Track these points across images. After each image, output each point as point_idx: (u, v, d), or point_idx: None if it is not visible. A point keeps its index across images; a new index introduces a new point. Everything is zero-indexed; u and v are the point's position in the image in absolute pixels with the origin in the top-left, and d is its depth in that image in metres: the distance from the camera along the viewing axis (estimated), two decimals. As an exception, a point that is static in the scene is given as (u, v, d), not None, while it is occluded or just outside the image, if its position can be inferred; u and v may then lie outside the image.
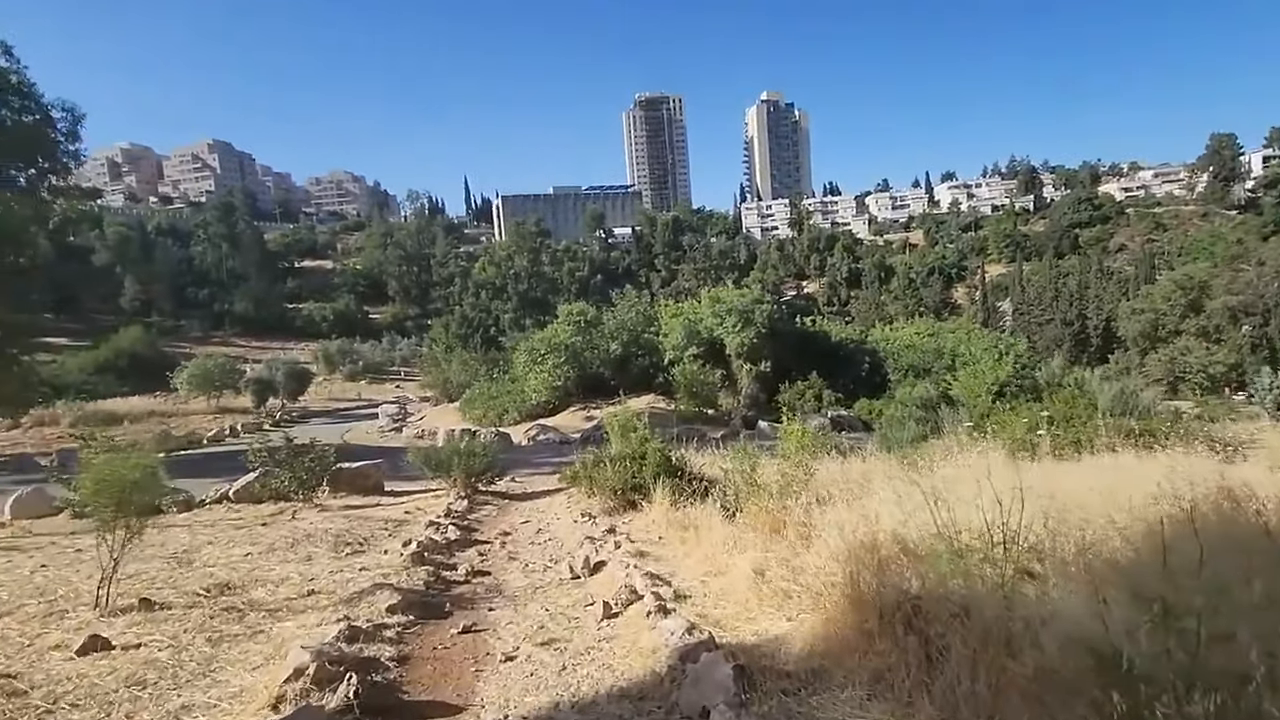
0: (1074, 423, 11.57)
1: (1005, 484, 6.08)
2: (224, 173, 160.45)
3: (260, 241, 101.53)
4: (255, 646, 3.81)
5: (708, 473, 9.63)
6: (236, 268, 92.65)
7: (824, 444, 8.07)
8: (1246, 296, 39.14)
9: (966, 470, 8.26)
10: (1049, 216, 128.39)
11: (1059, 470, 7.74)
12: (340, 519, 8.47)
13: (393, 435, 25.94)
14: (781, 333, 25.82)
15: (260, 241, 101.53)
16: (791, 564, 5.02)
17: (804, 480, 7.08)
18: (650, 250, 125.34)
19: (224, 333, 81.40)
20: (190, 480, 14.45)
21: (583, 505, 9.51)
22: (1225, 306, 39.35)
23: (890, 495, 6.86)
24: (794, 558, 5.31)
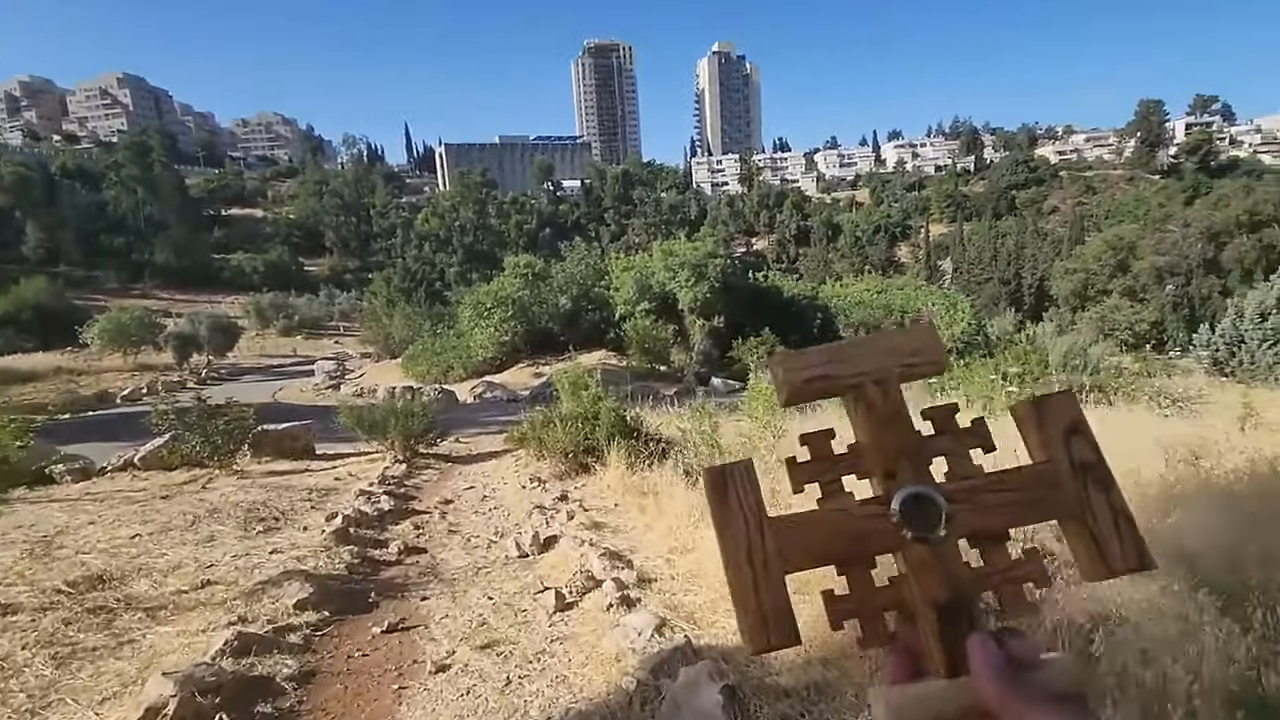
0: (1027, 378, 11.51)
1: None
2: (137, 111, 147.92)
3: (181, 186, 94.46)
4: (116, 664, 3.04)
5: (665, 433, 9.10)
6: (155, 214, 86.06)
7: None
8: (1171, 257, 40.82)
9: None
10: (988, 178, 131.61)
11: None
12: (258, 489, 7.57)
13: (330, 393, 24.52)
14: (735, 288, 25.35)
15: (181, 186, 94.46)
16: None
17: (772, 443, 6.58)
18: (600, 204, 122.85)
19: (144, 285, 75.90)
20: (97, 445, 13.19)
21: (532, 469, 8.85)
22: (1152, 267, 41.01)
23: None
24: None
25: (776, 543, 0.47)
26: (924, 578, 0.46)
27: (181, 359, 33.00)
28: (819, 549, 0.47)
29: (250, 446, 10.63)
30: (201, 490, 7.81)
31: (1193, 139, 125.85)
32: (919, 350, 0.53)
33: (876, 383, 0.51)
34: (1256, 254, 38.95)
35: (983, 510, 0.48)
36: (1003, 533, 0.49)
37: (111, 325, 33.62)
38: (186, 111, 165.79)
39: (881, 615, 0.47)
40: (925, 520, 0.46)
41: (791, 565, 0.47)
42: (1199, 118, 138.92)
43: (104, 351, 33.97)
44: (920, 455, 0.49)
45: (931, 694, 0.42)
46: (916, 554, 0.46)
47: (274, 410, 19.02)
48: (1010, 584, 0.48)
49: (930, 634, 0.44)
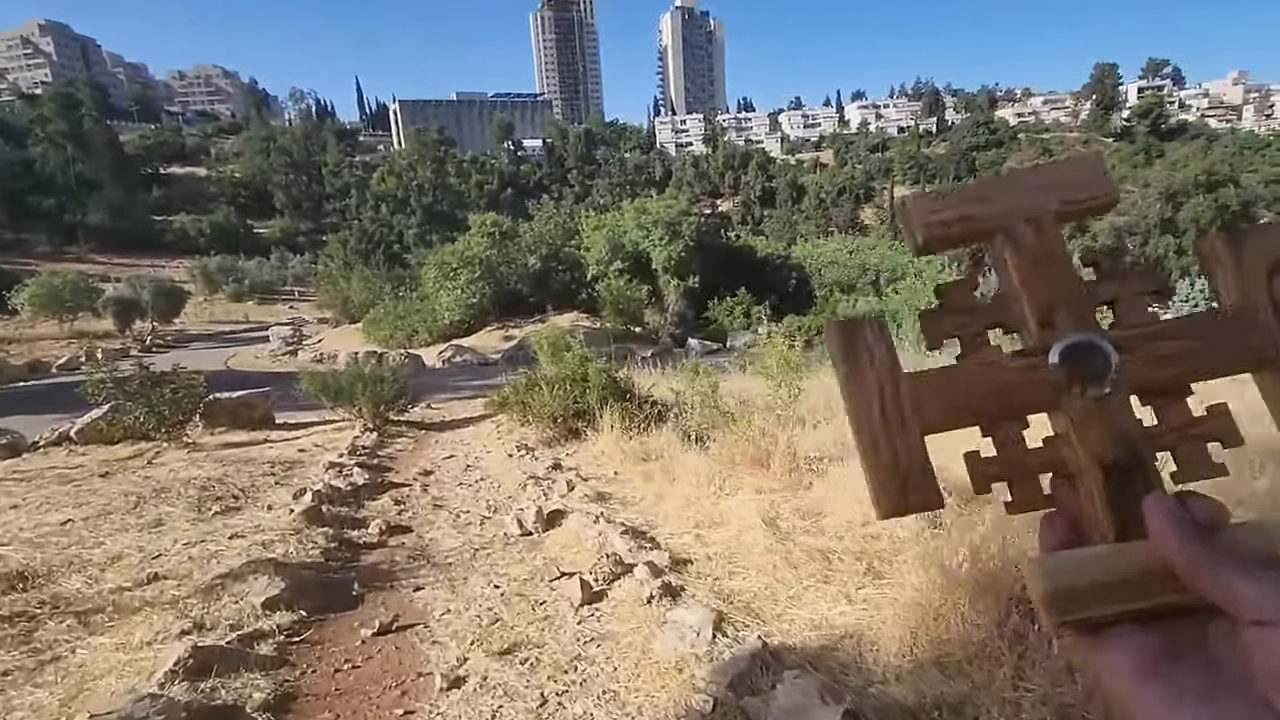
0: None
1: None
2: (62, 61, 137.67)
3: (114, 143, 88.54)
4: (32, 695, 2.38)
5: (657, 395, 8.56)
6: (87, 173, 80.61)
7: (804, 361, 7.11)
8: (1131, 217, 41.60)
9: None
10: (950, 139, 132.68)
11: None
12: (213, 463, 6.80)
13: (287, 360, 23.31)
14: (709, 247, 24.73)
15: (114, 143, 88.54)
16: (803, 509, 4.02)
17: (788, 403, 6.09)
18: (562, 164, 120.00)
19: (78, 248, 71.35)
20: (30, 417, 12.07)
21: (516, 435, 8.24)
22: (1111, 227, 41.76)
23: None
24: (797, 499, 4.33)
25: (914, 398, 0.42)
26: (1089, 435, 0.41)
27: (123, 325, 31.04)
28: (963, 404, 0.42)
29: (202, 417, 9.75)
30: (147, 466, 7.00)
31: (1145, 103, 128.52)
32: (1081, 184, 0.44)
33: (1028, 221, 0.44)
34: (1212, 214, 39.88)
35: (1158, 360, 0.42)
36: (1182, 385, 0.43)
37: (43, 290, 31.33)
38: (117, 63, 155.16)
39: (1035, 477, 0.43)
40: (1091, 372, 0.41)
41: (931, 422, 0.42)
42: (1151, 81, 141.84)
43: (36, 318, 31.74)
44: (1083, 302, 0.43)
45: (1098, 559, 0.37)
46: (1080, 409, 0.41)
47: (228, 378, 17.86)
48: (1190, 442, 0.42)
49: (1096, 496, 0.40)
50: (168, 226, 77.88)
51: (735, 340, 20.71)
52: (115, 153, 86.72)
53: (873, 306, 13.37)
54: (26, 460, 8.91)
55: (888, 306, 15.35)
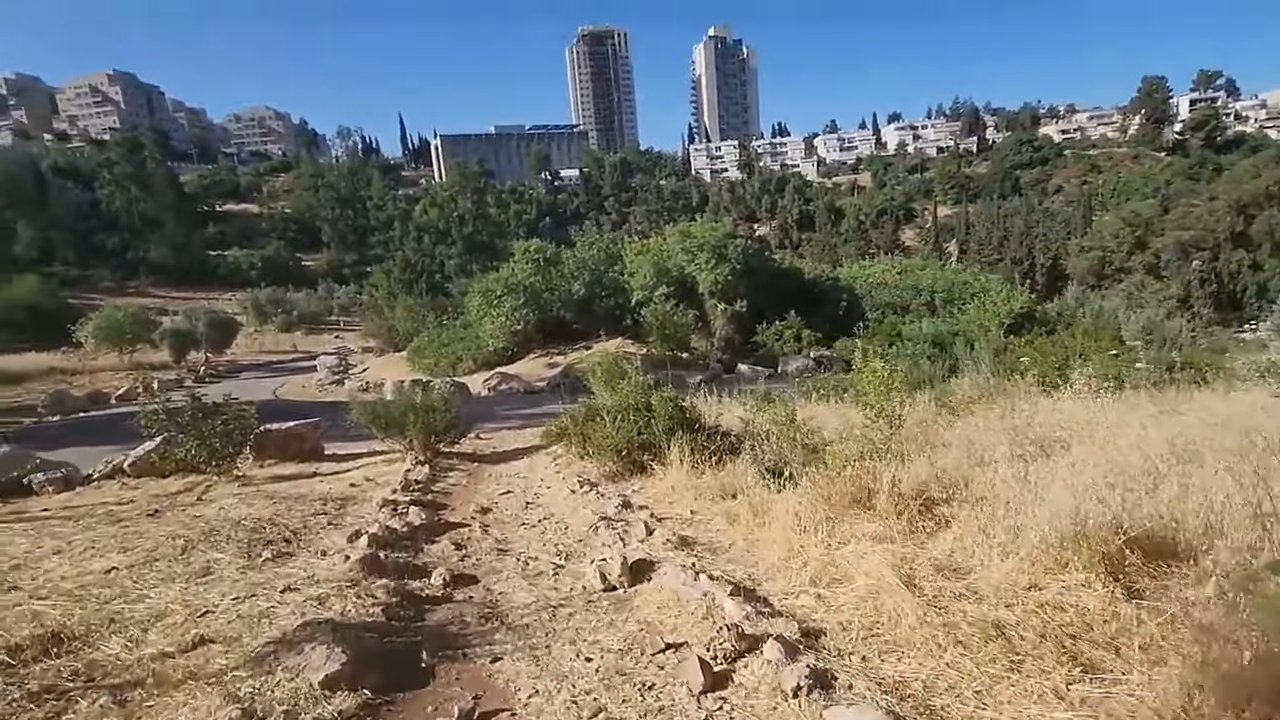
0: (1105, 356, 10.41)
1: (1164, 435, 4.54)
2: (129, 108, 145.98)
3: (174, 183, 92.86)
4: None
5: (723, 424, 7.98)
6: (149, 212, 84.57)
7: (909, 386, 6.49)
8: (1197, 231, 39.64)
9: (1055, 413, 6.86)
10: (992, 158, 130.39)
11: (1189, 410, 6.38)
12: (264, 500, 6.46)
13: (334, 389, 23.44)
14: (756, 270, 24.14)
15: (174, 183, 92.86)
16: (940, 563, 3.40)
17: (888, 435, 5.46)
18: (599, 192, 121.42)
19: (139, 282, 74.64)
20: (87, 449, 12.10)
21: (576, 469, 7.74)
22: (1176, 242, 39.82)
23: (1007, 450, 5.35)
24: (927, 550, 3.71)
25: None
26: None
27: (178, 356, 31.86)
28: None
29: (252, 449, 9.54)
30: (197, 503, 6.70)
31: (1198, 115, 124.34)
32: None
33: None
34: (1288, 226, 37.79)
35: None
36: None
37: (106, 323, 32.46)
38: (178, 108, 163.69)
39: None
40: None
41: None
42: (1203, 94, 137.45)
43: (99, 350, 32.84)
44: None
45: None
46: None
47: (276, 408, 17.91)
48: None
49: None
50: (222, 261, 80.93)
51: (787, 365, 20.01)
52: (175, 192, 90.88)
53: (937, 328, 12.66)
54: (80, 494, 8.78)
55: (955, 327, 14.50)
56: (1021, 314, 14.79)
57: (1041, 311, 15.89)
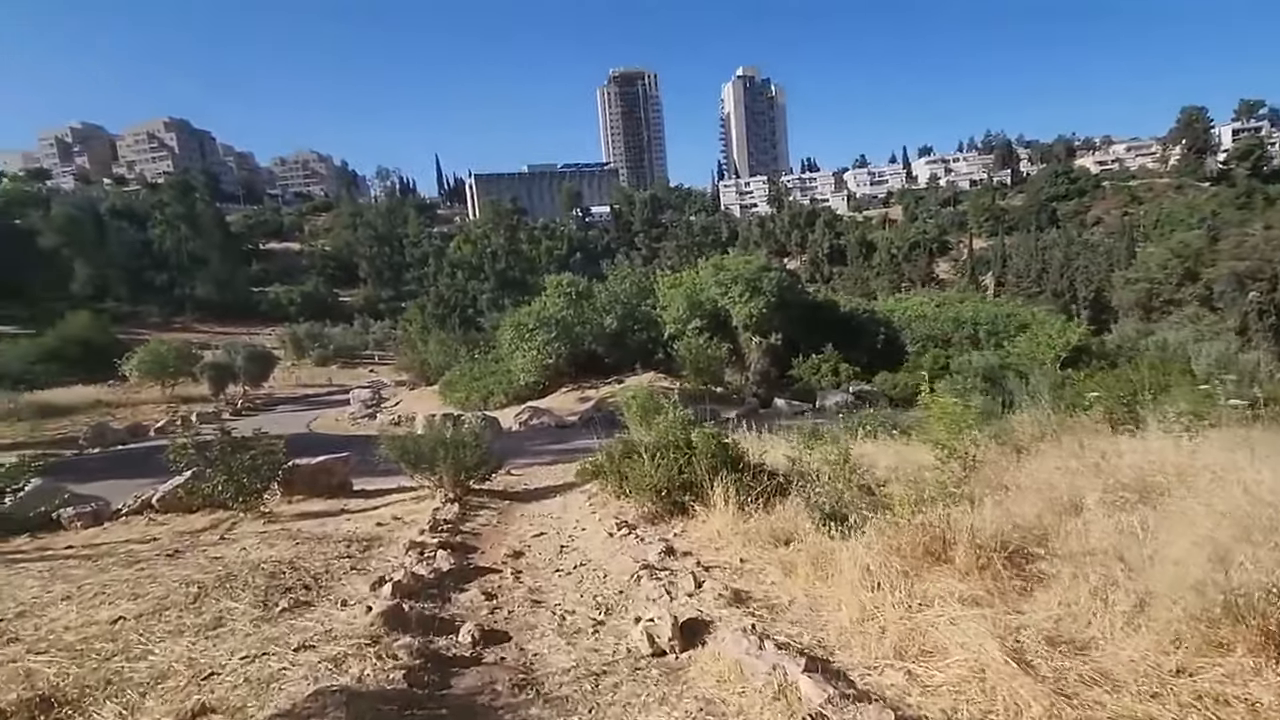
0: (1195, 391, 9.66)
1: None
2: (182, 153, 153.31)
3: (222, 223, 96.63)
4: None
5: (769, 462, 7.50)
6: (197, 250, 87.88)
7: (981, 423, 5.97)
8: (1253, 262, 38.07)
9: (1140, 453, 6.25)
10: (1027, 190, 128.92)
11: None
12: (287, 540, 6.15)
13: (366, 422, 23.44)
14: (791, 303, 23.70)
15: (222, 223, 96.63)
16: (1049, 634, 2.89)
17: (960, 479, 4.95)
18: (629, 228, 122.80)
19: (185, 318, 77.15)
20: (121, 482, 12.08)
21: (612, 509, 7.31)
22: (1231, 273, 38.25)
23: (1098, 495, 4.79)
24: (1026, 614, 3.20)
25: None
26: None
27: (217, 389, 32.41)
28: None
29: (280, 484, 9.33)
30: (220, 542, 6.43)
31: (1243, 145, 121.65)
32: None
33: None
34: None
35: None
36: None
37: (149, 357, 33.28)
38: (228, 152, 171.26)
39: None
40: None
41: None
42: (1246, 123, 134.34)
43: (142, 384, 33.63)
44: None
45: None
46: None
47: (308, 441, 17.86)
48: None
49: None
50: (264, 297, 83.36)
51: (826, 399, 19.39)
52: (222, 232, 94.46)
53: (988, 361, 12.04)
54: (106, 530, 8.63)
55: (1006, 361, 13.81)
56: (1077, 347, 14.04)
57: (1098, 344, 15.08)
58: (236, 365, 33.00)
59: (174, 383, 33.64)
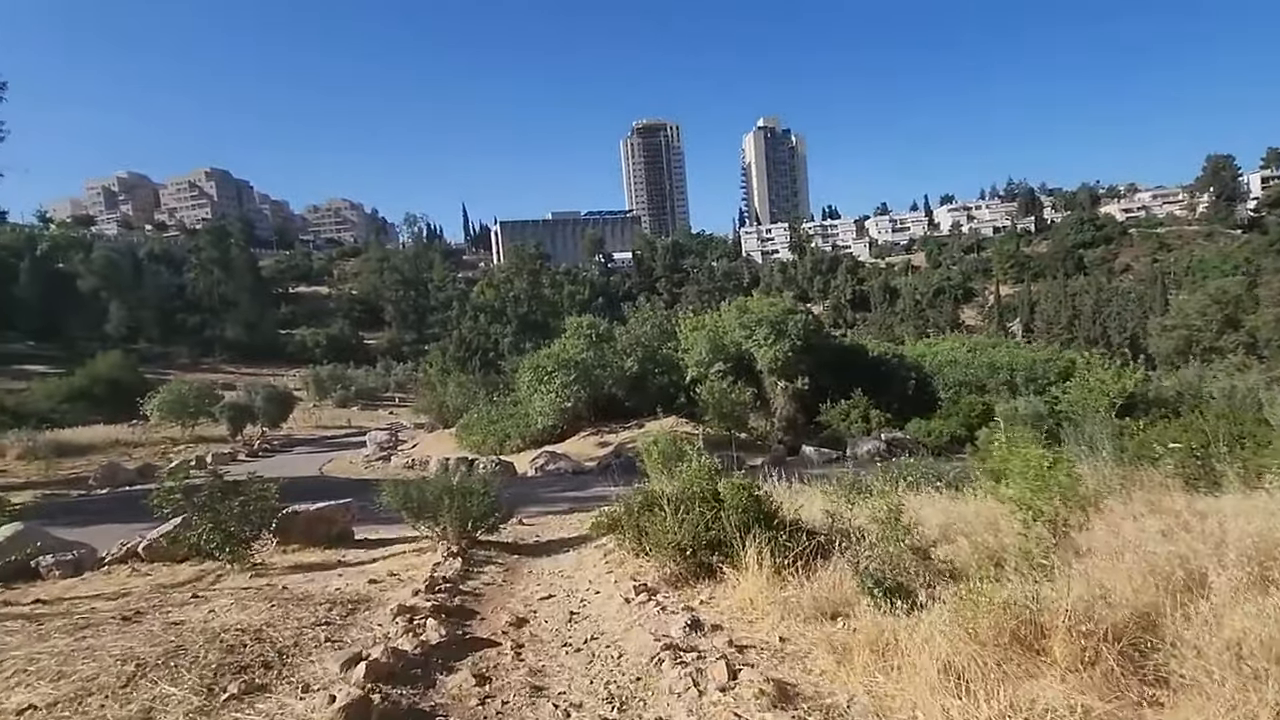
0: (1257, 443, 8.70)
1: None
2: (221, 201, 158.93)
3: (254, 267, 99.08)
4: None
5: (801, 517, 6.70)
6: (229, 294, 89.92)
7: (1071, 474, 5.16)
8: (1298, 309, 36.67)
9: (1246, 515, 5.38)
10: (1052, 237, 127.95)
11: None
12: (263, 601, 5.48)
13: (380, 465, 22.92)
14: (817, 346, 22.94)
15: (254, 267, 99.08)
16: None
17: (1050, 544, 4.15)
18: (651, 274, 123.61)
19: (214, 359, 78.43)
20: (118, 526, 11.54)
21: (630, 568, 6.54)
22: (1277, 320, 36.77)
23: (1227, 577, 3.96)
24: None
25: None
26: None
27: (235, 430, 32.26)
28: None
29: (275, 533, 8.69)
30: (192, 600, 5.77)
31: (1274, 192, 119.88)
32: None
33: None
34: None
35: None
36: None
37: (171, 397, 33.36)
38: (264, 200, 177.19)
39: None
40: None
41: None
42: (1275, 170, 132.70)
43: (163, 422, 33.62)
44: None
45: None
46: None
47: (317, 485, 17.30)
48: None
49: None
50: (290, 339, 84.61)
51: (857, 447, 18.43)
52: (254, 276, 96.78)
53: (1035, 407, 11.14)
54: (86, 581, 8.01)
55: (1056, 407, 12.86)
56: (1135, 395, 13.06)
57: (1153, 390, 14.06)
58: (255, 406, 32.90)
59: (194, 423, 33.59)
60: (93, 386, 47.16)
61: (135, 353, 64.63)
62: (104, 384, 47.75)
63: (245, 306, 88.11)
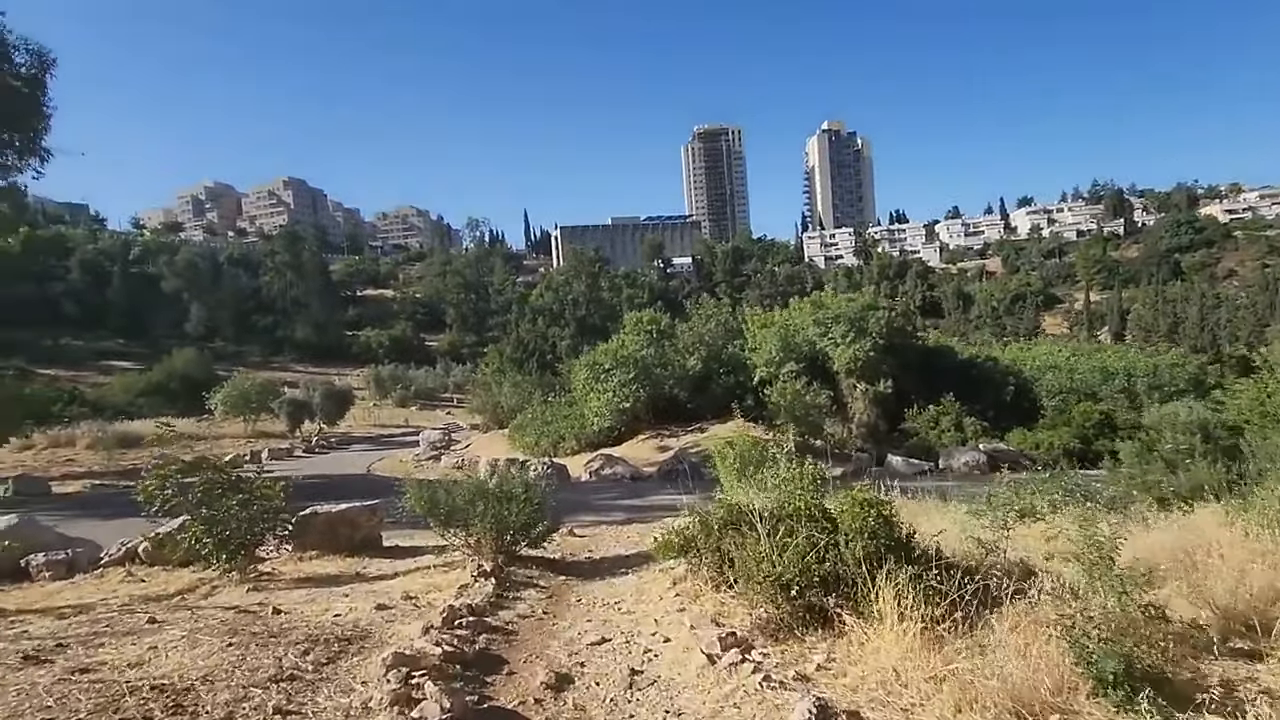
0: None
1: None
2: (297, 208, 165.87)
3: (324, 271, 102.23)
4: None
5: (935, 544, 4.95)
6: (300, 296, 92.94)
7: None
8: None
9: None
10: (1144, 241, 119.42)
11: None
12: (225, 635, 4.14)
13: (430, 465, 22.02)
14: (899, 347, 20.75)
15: (324, 271, 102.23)
16: None
17: None
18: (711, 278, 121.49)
19: (283, 358, 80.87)
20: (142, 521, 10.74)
21: (708, 605, 4.94)
22: None
23: None
24: None
25: None
26: None
27: (293, 426, 32.25)
28: None
29: (291, 536, 7.50)
30: (150, 623, 4.49)
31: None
32: None
33: None
34: None
35: None
36: None
37: (235, 392, 33.67)
38: (337, 208, 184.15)
39: None
40: None
41: None
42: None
43: (226, 417, 34.01)
44: None
45: None
46: None
47: (359, 484, 16.40)
48: None
49: None
50: (355, 340, 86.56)
51: (952, 459, 16.26)
52: (324, 279, 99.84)
53: (1199, 414, 9.04)
54: (74, 585, 6.98)
55: (1225, 415, 10.59)
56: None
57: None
58: (313, 403, 32.82)
59: (255, 418, 33.84)
60: (168, 382, 48.86)
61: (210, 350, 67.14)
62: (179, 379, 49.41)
63: (315, 308, 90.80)
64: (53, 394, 34.31)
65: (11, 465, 22.43)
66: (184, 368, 50.52)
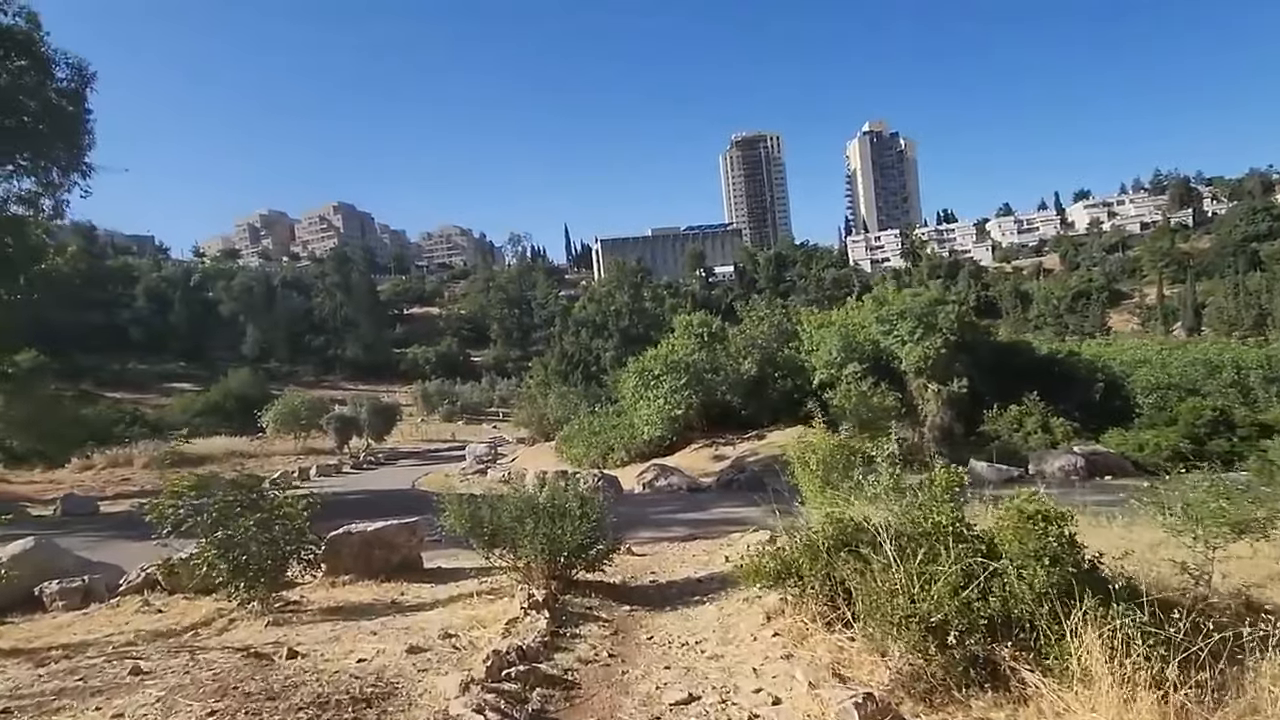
0: None
1: None
2: (347, 232, 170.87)
3: (372, 291, 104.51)
4: None
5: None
6: (349, 315, 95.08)
7: None
8: None
9: None
10: (1216, 231, 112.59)
11: None
12: (213, 696, 3.26)
13: (476, 479, 21.36)
14: (973, 344, 19.18)
15: (372, 291, 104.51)
16: None
17: None
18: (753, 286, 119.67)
19: (334, 376, 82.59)
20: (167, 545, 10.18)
21: (820, 649, 3.86)
22: None
23: None
24: None
25: None
26: None
27: (342, 442, 32.21)
28: None
29: (325, 559, 6.71)
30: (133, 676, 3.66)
31: None
32: None
33: None
34: None
35: None
36: None
37: (285, 409, 33.92)
38: (384, 230, 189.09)
39: None
40: None
41: None
42: None
43: (277, 434, 34.29)
44: None
45: None
46: None
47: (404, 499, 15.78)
48: None
49: None
50: (403, 357, 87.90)
51: (1043, 464, 14.68)
52: (372, 299, 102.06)
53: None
54: (86, 616, 6.32)
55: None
56: None
57: None
58: (360, 419, 32.76)
59: (305, 435, 34.02)
60: (224, 401, 50.00)
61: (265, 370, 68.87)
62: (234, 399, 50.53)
63: (364, 327, 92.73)
64: (113, 415, 35.15)
65: (70, 485, 22.73)
66: (239, 388, 51.65)
